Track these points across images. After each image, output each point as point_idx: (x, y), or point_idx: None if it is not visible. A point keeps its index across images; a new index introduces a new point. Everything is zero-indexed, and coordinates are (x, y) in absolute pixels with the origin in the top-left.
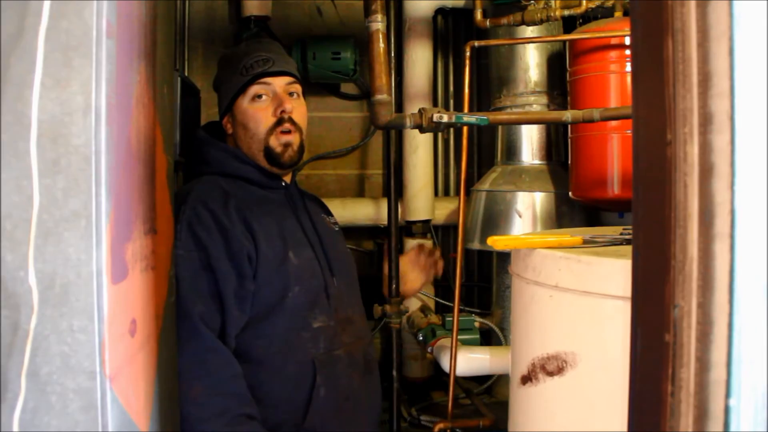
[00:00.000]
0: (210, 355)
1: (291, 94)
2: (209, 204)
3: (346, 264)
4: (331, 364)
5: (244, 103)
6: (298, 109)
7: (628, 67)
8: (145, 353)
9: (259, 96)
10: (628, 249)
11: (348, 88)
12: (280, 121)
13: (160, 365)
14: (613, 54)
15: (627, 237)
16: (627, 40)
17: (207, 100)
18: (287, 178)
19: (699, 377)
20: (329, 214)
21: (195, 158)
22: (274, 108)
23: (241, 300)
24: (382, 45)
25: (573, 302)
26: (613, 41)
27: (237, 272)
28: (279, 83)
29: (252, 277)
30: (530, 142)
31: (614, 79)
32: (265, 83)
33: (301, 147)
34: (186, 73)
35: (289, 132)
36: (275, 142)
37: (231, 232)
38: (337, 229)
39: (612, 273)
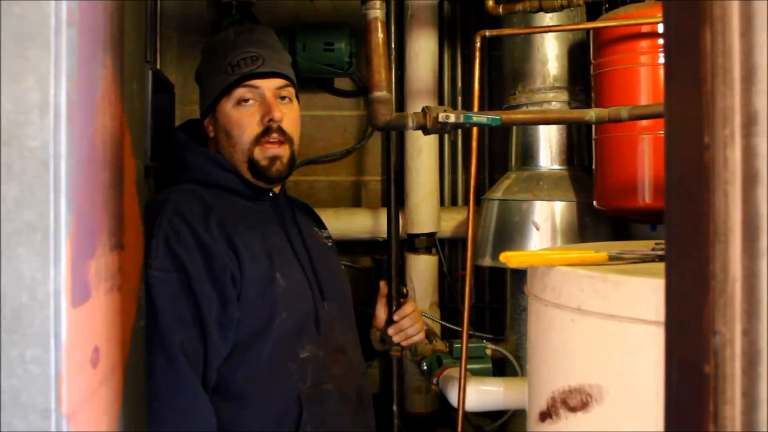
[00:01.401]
0: (189, 398)
1: (282, 98)
2: (188, 217)
3: (339, 285)
4: (319, 400)
5: (228, 106)
6: (289, 116)
7: (662, 59)
8: (108, 387)
9: (245, 100)
10: (660, 267)
11: (342, 83)
12: (267, 131)
13: (126, 401)
14: (644, 44)
15: (659, 253)
16: (660, 28)
17: (182, 97)
18: (276, 189)
19: (746, 416)
20: (322, 226)
21: (171, 163)
22: (261, 115)
23: (224, 327)
24: (381, 35)
25: (598, 327)
26: (644, 29)
27: (220, 296)
28: (268, 86)
29: (236, 302)
30: (549, 144)
31: (645, 73)
32: (252, 86)
33: (292, 160)
34: (158, 66)
35: (277, 143)
36: (260, 155)
37: (212, 249)
38: (330, 244)
39: (643, 294)
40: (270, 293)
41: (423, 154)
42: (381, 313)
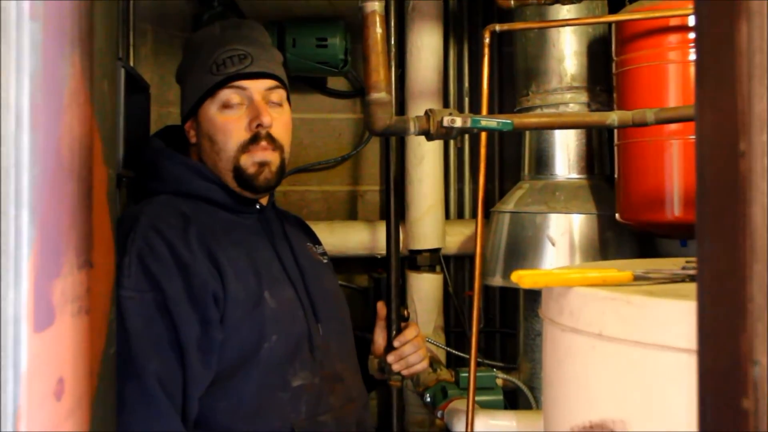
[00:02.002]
0: None
1: (272, 101)
2: (164, 231)
3: (336, 306)
4: None
5: (212, 109)
6: (279, 121)
7: (693, 55)
8: (74, 422)
9: (231, 103)
10: (692, 287)
11: (337, 83)
12: (255, 138)
13: None
14: (673, 38)
15: (691, 272)
16: (691, 21)
17: (158, 97)
18: (263, 200)
19: None
20: (317, 242)
21: (146, 173)
22: (248, 120)
23: (205, 352)
24: (379, 30)
25: (622, 355)
26: (673, 22)
27: (200, 317)
28: (257, 88)
29: (219, 323)
30: (566, 151)
31: (674, 71)
32: (239, 87)
33: (281, 168)
34: (132, 64)
35: (266, 149)
36: (247, 162)
37: (192, 266)
38: (325, 261)
39: (672, 319)
40: (257, 314)
41: (426, 162)
42: (379, 338)
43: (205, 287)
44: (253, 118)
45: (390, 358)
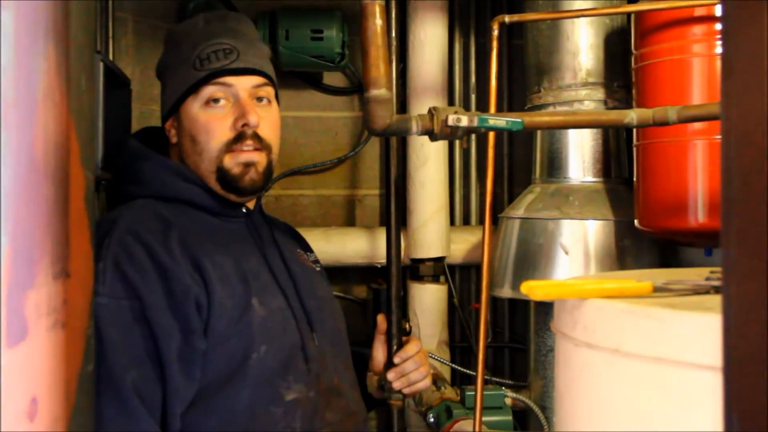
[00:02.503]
0: None
1: (259, 99)
2: (143, 235)
3: (331, 315)
4: None
5: (195, 107)
6: (267, 120)
7: (719, 48)
8: None
9: (216, 100)
10: (717, 300)
11: (333, 78)
12: (240, 137)
13: None
14: (698, 30)
15: (715, 283)
16: (718, 10)
17: (140, 93)
18: (250, 204)
19: None
20: (308, 249)
21: (124, 176)
22: (234, 118)
23: (187, 363)
24: (379, 21)
25: (641, 373)
26: (698, 12)
27: (181, 325)
28: (244, 85)
29: (202, 333)
30: (581, 152)
31: (699, 65)
32: (224, 84)
33: (269, 170)
34: (111, 58)
35: (252, 150)
36: (231, 162)
37: (173, 271)
38: (318, 269)
39: (695, 334)
40: (245, 323)
41: (429, 164)
42: (379, 353)
43: (186, 294)
44: (238, 116)
45: (390, 375)
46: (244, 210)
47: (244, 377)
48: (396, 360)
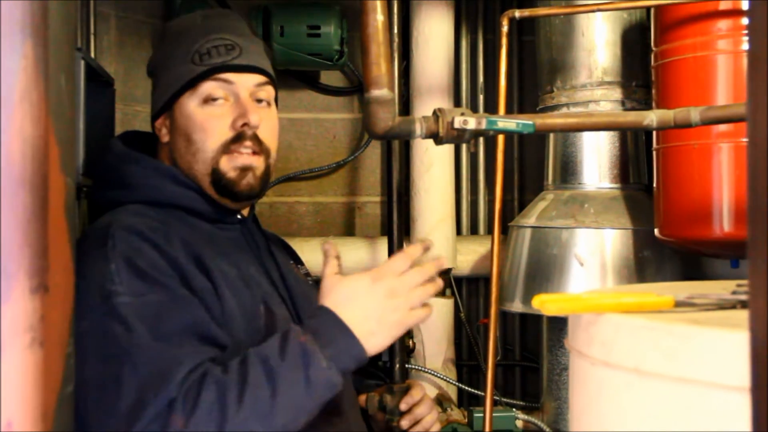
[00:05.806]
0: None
1: (259, 101)
2: (146, 233)
3: None
4: None
5: (192, 103)
6: (267, 123)
7: (746, 44)
8: None
9: (215, 98)
10: (744, 315)
11: (331, 78)
12: (239, 137)
13: None
14: (723, 25)
15: (742, 297)
16: (744, 4)
17: (124, 94)
18: (244, 211)
19: None
20: (299, 261)
21: (108, 181)
22: (233, 118)
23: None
24: (380, 16)
25: (662, 394)
26: (723, 6)
27: (209, 315)
28: (245, 83)
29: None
30: (597, 156)
31: (724, 63)
32: (225, 80)
33: (266, 175)
34: (93, 55)
35: (250, 152)
36: (227, 165)
37: (186, 268)
38: (311, 282)
39: (721, 351)
40: (254, 332)
41: (434, 169)
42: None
43: (203, 292)
44: (238, 115)
45: (404, 422)
46: (239, 217)
47: None
48: (402, 407)
